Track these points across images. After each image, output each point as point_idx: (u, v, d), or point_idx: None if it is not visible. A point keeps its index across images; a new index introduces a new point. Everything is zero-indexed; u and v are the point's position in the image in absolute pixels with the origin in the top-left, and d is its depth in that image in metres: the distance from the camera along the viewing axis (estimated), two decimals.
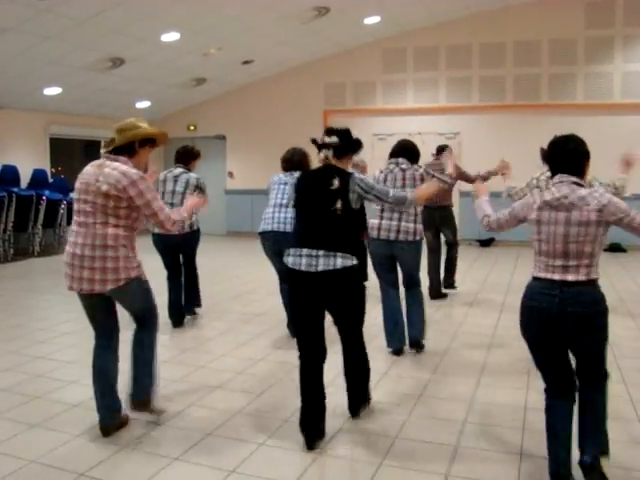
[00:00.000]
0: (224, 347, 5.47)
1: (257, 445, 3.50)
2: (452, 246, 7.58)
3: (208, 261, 9.67)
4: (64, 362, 4.99)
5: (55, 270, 9.58)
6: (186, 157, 6.23)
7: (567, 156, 2.99)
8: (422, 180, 5.00)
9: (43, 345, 5.46)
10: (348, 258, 3.35)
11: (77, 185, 3.58)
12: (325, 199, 3.40)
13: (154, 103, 12.71)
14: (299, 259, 3.38)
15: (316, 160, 3.79)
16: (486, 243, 11.95)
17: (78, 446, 3.47)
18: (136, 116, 3.79)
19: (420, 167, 5.17)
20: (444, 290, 7.42)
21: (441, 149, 7.61)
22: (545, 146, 3.49)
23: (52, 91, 10.71)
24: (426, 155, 7.21)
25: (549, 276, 2.90)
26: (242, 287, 8.20)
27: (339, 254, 3.33)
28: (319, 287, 3.36)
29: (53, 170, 12.30)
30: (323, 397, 3.52)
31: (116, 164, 3.49)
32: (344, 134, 3.62)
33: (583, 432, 2.95)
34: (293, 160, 5.53)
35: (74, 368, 4.82)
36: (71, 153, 13.81)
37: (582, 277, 2.85)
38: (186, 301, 6.26)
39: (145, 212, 3.53)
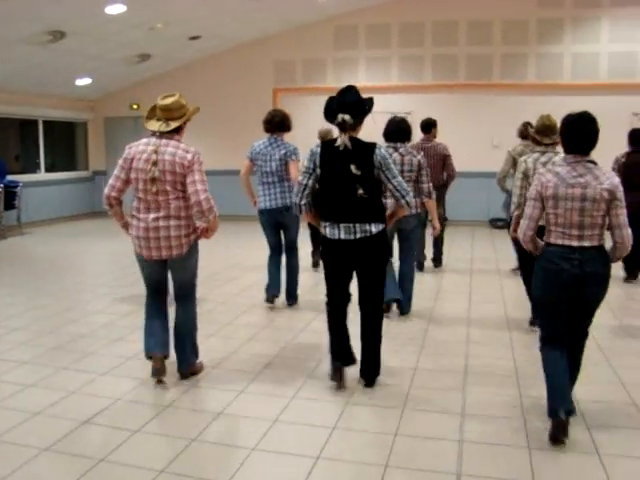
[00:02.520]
0: (226, 316, 5.73)
1: (289, 399, 3.88)
2: (444, 222, 7.66)
3: None
4: (18, 362, 4.57)
5: None
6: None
7: (584, 137, 3.22)
8: (419, 165, 5.37)
9: None
10: (379, 223, 3.87)
11: (137, 165, 3.83)
12: (353, 180, 3.76)
13: (95, 80, 12.06)
14: (337, 230, 3.86)
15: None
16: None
17: (44, 463, 3.13)
18: (77, 94, 3.74)
19: (419, 154, 5.45)
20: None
21: (427, 125, 7.42)
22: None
23: None
24: (373, 135, 6.97)
25: (567, 242, 3.23)
26: (217, 265, 7.97)
27: (372, 223, 3.83)
28: (355, 251, 3.86)
29: None
30: (348, 332, 4.11)
31: (174, 142, 3.90)
32: (357, 109, 3.82)
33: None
34: (274, 121, 5.72)
35: (29, 370, 4.42)
36: (5, 132, 13.02)
37: (595, 243, 3.23)
38: None
39: (190, 188, 3.81)
